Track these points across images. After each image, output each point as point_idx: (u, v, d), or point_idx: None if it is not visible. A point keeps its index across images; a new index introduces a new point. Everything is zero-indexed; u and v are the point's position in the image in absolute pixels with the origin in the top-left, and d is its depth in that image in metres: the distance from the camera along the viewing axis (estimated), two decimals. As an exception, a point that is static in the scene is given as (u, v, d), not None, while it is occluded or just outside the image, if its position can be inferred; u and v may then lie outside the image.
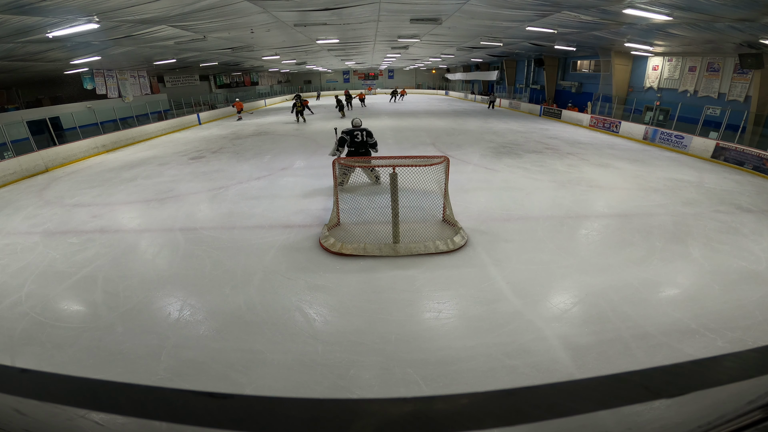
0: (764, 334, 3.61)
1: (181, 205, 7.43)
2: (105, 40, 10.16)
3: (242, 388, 3.10)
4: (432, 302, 4.14)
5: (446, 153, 11.27)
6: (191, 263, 5.13)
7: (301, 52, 19.67)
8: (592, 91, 18.79)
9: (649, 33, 10.87)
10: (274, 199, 7.60)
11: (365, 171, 7.68)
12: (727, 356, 0.49)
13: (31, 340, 3.66)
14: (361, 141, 7.40)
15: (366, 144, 7.49)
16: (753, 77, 11.27)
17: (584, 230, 6.12)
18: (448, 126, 17.52)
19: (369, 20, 11.31)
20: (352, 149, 7.49)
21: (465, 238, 5.46)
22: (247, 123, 20.51)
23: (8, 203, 8.11)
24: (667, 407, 0.44)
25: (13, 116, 13.38)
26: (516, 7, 9.03)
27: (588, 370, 3.22)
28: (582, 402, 0.43)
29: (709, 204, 7.23)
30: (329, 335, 3.69)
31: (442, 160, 5.64)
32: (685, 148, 12.16)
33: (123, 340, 3.67)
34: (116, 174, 10.27)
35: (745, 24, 8.01)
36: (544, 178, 8.88)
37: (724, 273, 4.72)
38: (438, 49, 20.91)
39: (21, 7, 6.05)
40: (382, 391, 3.06)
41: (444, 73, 41.02)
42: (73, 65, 13.69)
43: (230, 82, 30.08)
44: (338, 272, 4.82)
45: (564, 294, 4.36)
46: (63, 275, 4.90)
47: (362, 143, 7.41)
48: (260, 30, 11.39)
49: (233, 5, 7.86)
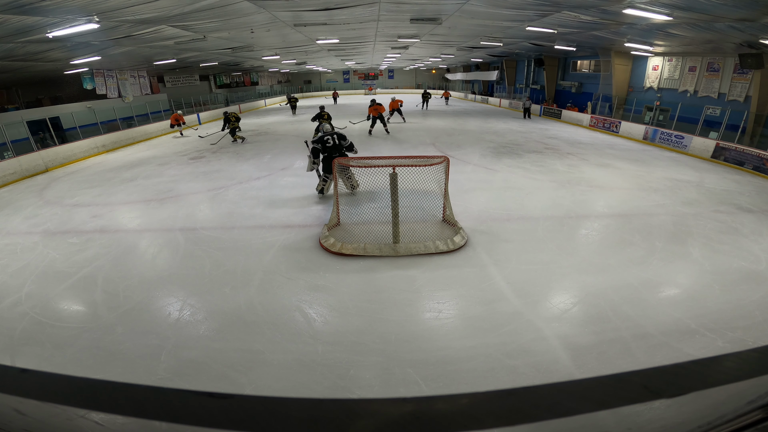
0: (764, 334, 3.61)
1: (181, 205, 7.43)
2: (105, 40, 10.16)
3: (242, 388, 3.10)
4: (432, 302, 4.13)
5: (446, 153, 11.27)
6: (191, 263, 5.13)
7: (301, 52, 19.67)
8: (592, 91, 18.78)
9: (649, 33, 10.87)
10: (274, 199, 7.60)
11: (341, 177, 7.21)
12: (727, 356, 0.49)
13: (31, 340, 3.66)
14: (334, 145, 7.08)
15: (340, 147, 7.14)
16: (753, 77, 11.27)
17: (584, 230, 6.12)
18: (448, 126, 17.51)
19: (369, 20, 11.31)
20: (326, 154, 7.11)
21: (465, 238, 5.46)
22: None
23: (8, 203, 8.11)
24: (667, 407, 0.44)
25: (13, 116, 13.38)
26: (516, 7, 9.03)
27: (588, 370, 3.22)
28: (582, 402, 0.43)
29: (709, 204, 7.23)
30: (329, 335, 3.69)
31: (442, 160, 5.64)
32: (685, 148, 12.16)
33: (123, 340, 3.67)
34: (116, 174, 10.27)
35: (745, 24, 8.01)
36: (544, 178, 8.88)
37: (724, 273, 4.72)
38: (438, 49, 20.91)
39: (21, 7, 6.05)
40: (382, 391, 3.06)
41: (444, 73, 40.99)
42: (73, 65, 13.68)
43: (230, 82, 30.07)
44: (338, 272, 4.82)
45: (564, 294, 4.36)
46: (63, 275, 4.89)
47: (335, 147, 7.09)
48: (260, 30, 11.38)
49: (233, 5, 7.86)
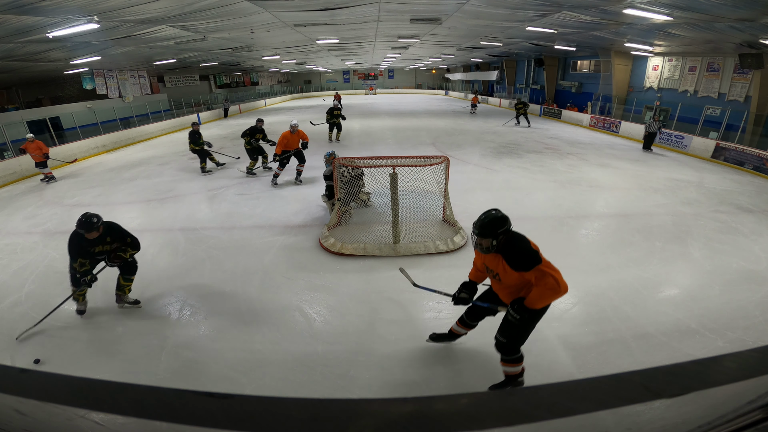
0: (764, 334, 3.61)
1: (181, 205, 7.42)
2: (105, 40, 10.16)
3: (242, 388, 3.10)
4: (432, 302, 4.13)
5: (446, 153, 11.27)
6: (191, 263, 5.13)
7: (301, 52, 19.68)
8: (592, 91, 18.78)
9: (649, 33, 10.87)
10: (274, 199, 7.60)
11: (354, 195, 6.42)
12: (727, 356, 0.49)
13: (31, 340, 3.66)
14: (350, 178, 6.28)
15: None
16: (753, 77, 11.27)
17: (584, 230, 6.12)
18: (448, 126, 17.51)
19: (369, 20, 11.31)
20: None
21: (465, 238, 5.46)
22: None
23: (8, 203, 8.11)
24: (667, 407, 0.44)
25: (13, 116, 13.38)
26: (516, 7, 9.03)
27: (588, 370, 3.22)
28: (582, 402, 0.43)
29: (709, 204, 7.23)
30: (329, 335, 3.69)
31: (442, 160, 5.64)
32: (685, 148, 12.16)
33: (123, 340, 3.67)
34: (116, 174, 10.27)
35: (745, 24, 8.01)
36: (544, 178, 8.88)
37: (724, 273, 4.72)
38: (438, 49, 20.91)
39: (21, 7, 6.05)
40: (382, 391, 3.06)
41: (444, 73, 41.00)
42: (73, 65, 13.69)
43: (230, 82, 30.08)
44: (338, 272, 4.82)
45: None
46: (63, 275, 4.87)
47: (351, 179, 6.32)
48: (260, 30, 11.38)
49: (233, 5, 7.86)
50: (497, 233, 2.50)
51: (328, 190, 6.53)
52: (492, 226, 2.50)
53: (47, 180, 9.59)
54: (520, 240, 2.54)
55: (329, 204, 6.59)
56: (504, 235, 2.53)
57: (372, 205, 6.92)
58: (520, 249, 2.50)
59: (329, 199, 6.55)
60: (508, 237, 2.54)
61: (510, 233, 2.55)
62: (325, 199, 6.79)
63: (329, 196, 6.53)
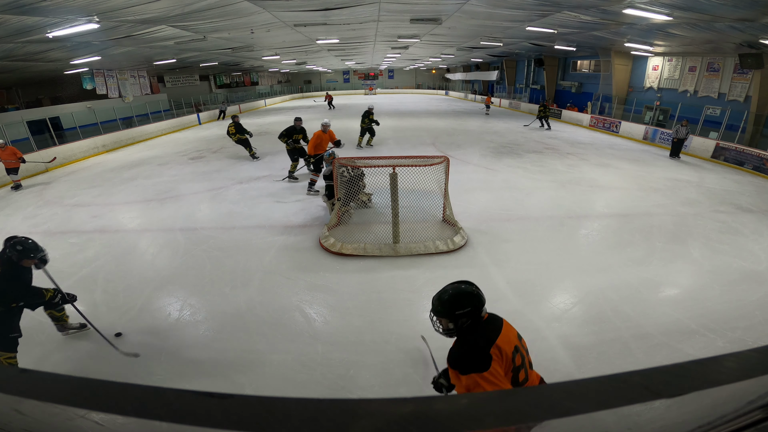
0: (764, 334, 3.61)
1: (181, 205, 7.42)
2: (105, 40, 10.16)
3: (242, 388, 3.10)
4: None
5: (446, 153, 11.27)
6: (191, 263, 5.13)
7: (301, 52, 19.68)
8: (592, 91, 18.79)
9: (649, 33, 10.87)
10: (274, 199, 7.60)
11: (353, 194, 6.48)
12: (727, 356, 0.49)
13: (30, 340, 3.66)
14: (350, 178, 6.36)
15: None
16: (753, 77, 11.27)
17: (584, 230, 6.12)
18: (448, 126, 17.52)
19: (369, 20, 11.31)
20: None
21: (465, 238, 5.46)
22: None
23: (8, 203, 8.11)
24: (667, 407, 0.44)
25: (13, 116, 13.38)
26: (516, 7, 9.03)
27: (588, 370, 3.22)
28: (582, 402, 0.42)
29: (709, 204, 7.23)
30: (329, 335, 3.69)
31: (442, 160, 5.64)
32: (685, 148, 12.15)
33: (123, 340, 3.66)
34: (116, 174, 10.27)
35: (745, 24, 8.01)
36: (544, 178, 8.88)
37: (724, 273, 4.72)
38: (438, 49, 20.91)
39: (21, 7, 6.05)
40: (382, 391, 3.06)
41: (444, 73, 41.02)
42: (73, 65, 13.69)
43: (230, 82, 30.10)
44: (338, 272, 4.82)
45: (564, 294, 4.36)
46: (63, 275, 4.87)
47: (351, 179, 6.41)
48: (260, 30, 11.39)
49: (233, 5, 7.87)
50: (456, 315, 1.77)
51: (328, 190, 6.53)
52: (450, 305, 1.78)
53: (16, 188, 9.04)
54: (481, 336, 1.74)
55: (329, 204, 6.58)
56: (468, 319, 1.77)
57: (372, 206, 6.92)
58: (471, 344, 1.73)
59: (329, 199, 6.55)
60: (474, 324, 1.77)
61: (477, 321, 1.78)
62: (325, 199, 6.79)
63: (329, 196, 6.53)
